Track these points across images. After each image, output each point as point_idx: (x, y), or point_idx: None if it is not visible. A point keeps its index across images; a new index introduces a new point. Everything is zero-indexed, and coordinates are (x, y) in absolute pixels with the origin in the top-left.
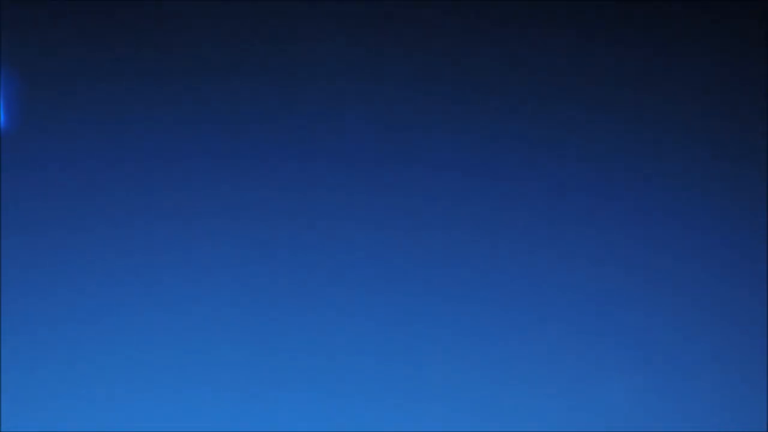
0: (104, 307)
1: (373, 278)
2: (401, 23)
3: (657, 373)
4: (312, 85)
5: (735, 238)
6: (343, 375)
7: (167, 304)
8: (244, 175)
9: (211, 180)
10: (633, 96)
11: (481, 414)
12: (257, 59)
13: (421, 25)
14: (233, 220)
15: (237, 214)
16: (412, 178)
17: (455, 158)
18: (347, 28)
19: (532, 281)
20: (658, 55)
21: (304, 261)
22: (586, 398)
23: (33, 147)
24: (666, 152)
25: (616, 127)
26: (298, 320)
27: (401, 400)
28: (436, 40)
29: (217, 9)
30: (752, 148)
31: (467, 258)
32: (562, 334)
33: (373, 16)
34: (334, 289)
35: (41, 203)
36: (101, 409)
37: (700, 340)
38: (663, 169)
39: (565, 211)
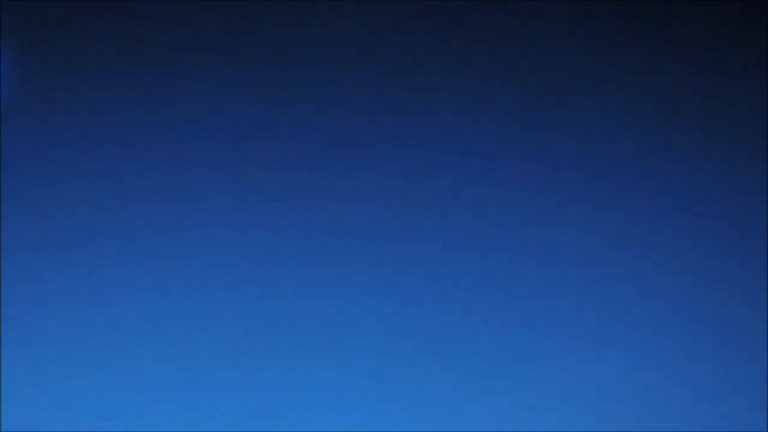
0: (105, 306)
1: (371, 274)
2: (400, 11)
3: (656, 373)
4: (311, 75)
5: (735, 234)
6: (343, 375)
7: (168, 302)
8: (243, 168)
9: (210, 174)
10: (633, 93)
11: (479, 411)
12: (254, 48)
13: (421, 16)
14: (233, 213)
15: (236, 206)
16: (409, 176)
17: (453, 158)
18: (347, 18)
19: (529, 278)
20: (658, 54)
21: (303, 256)
22: (585, 399)
23: (31, 127)
24: (665, 151)
25: (616, 124)
26: (297, 317)
27: (402, 400)
28: (438, 31)
29: None
30: (752, 148)
31: (463, 251)
32: (561, 335)
33: (371, 6)
34: (333, 288)
35: (40, 189)
36: (102, 409)
37: (700, 340)
38: (663, 166)
39: (564, 207)
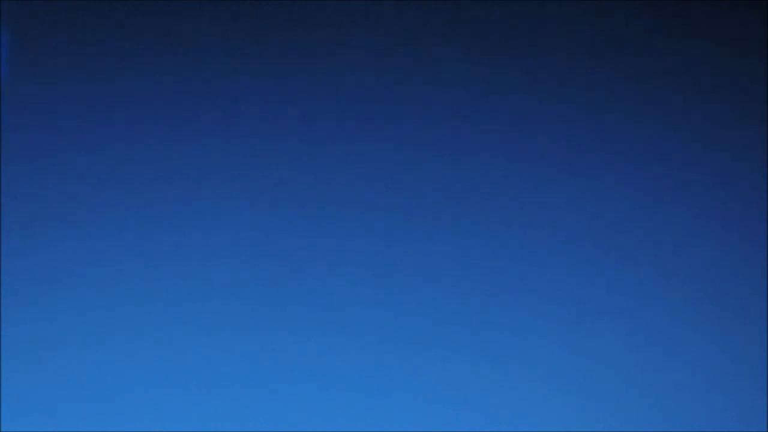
0: (106, 305)
1: (368, 265)
2: (399, 11)
3: (656, 372)
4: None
5: (736, 230)
6: (343, 374)
7: (168, 300)
8: (242, 165)
9: (212, 166)
10: (633, 91)
11: (476, 396)
12: (253, 47)
13: None
14: (234, 210)
15: (236, 202)
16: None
17: (449, 155)
18: None
19: (528, 265)
20: (658, 55)
21: (301, 255)
22: (583, 398)
23: (30, 95)
24: (665, 149)
25: (616, 115)
26: (296, 317)
27: (403, 398)
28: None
29: None
30: (752, 146)
31: (461, 237)
32: (562, 336)
33: (371, 7)
34: (333, 286)
35: (39, 161)
36: (102, 409)
37: (699, 341)
38: (673, 149)
39: (565, 201)
